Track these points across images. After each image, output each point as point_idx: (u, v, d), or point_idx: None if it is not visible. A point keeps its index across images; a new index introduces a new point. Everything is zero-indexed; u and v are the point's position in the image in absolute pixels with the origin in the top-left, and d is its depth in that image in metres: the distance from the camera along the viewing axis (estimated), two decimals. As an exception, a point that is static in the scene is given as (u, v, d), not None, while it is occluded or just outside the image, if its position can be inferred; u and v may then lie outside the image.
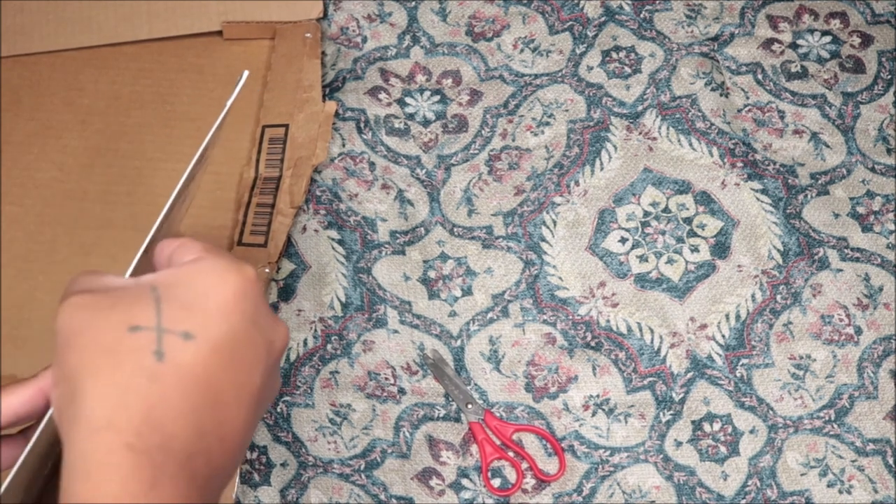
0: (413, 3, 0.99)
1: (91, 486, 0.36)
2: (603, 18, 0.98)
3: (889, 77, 0.95)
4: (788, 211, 0.89)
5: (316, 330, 0.84)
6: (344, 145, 0.92)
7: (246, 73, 0.49)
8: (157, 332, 0.38)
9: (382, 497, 0.79)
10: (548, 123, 0.93)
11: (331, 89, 0.95)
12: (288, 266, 0.87)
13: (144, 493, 0.36)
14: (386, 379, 0.83)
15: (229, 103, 0.49)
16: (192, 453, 0.38)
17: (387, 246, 0.88)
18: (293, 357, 0.84)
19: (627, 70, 0.95)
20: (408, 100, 0.94)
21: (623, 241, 0.88)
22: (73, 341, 0.39)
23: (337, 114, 0.93)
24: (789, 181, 0.90)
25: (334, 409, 0.82)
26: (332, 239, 0.88)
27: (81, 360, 0.38)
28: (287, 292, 0.86)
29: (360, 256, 0.87)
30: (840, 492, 0.79)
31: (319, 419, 0.81)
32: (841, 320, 0.85)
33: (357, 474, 0.80)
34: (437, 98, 0.94)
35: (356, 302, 0.85)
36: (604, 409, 0.82)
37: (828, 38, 0.97)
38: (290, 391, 0.82)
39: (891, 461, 0.80)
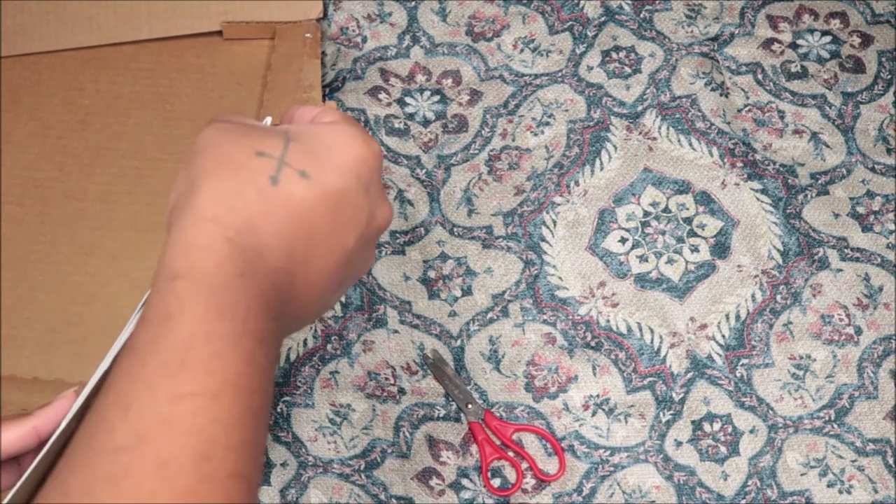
0: (413, 3, 0.99)
1: (189, 261, 0.40)
2: (603, 18, 0.98)
3: (889, 77, 0.95)
4: (788, 211, 0.89)
5: (316, 330, 0.84)
6: (344, 145, 0.92)
7: (269, 118, 0.49)
8: (278, 162, 0.42)
9: (382, 497, 0.79)
10: (548, 123, 0.93)
11: (331, 89, 0.95)
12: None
13: (234, 278, 0.40)
14: (386, 379, 0.83)
15: None
16: (278, 268, 0.41)
17: (386, 246, 0.88)
18: (293, 357, 0.84)
19: (627, 70, 0.95)
20: (408, 100, 0.94)
21: (623, 241, 0.88)
22: (204, 151, 0.43)
23: (337, 114, 0.93)
24: (789, 181, 0.90)
25: (334, 409, 0.82)
26: (332, 239, 0.88)
27: (206, 164, 0.42)
28: (287, 292, 0.86)
29: (360, 256, 0.87)
30: (840, 492, 0.79)
31: (319, 419, 0.81)
32: (841, 320, 0.85)
33: (357, 474, 0.80)
34: (437, 98, 0.94)
35: (356, 302, 0.85)
36: (604, 409, 0.82)
37: (828, 38, 0.97)
38: (290, 391, 0.82)
39: (891, 461, 0.80)
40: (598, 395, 0.82)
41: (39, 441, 0.47)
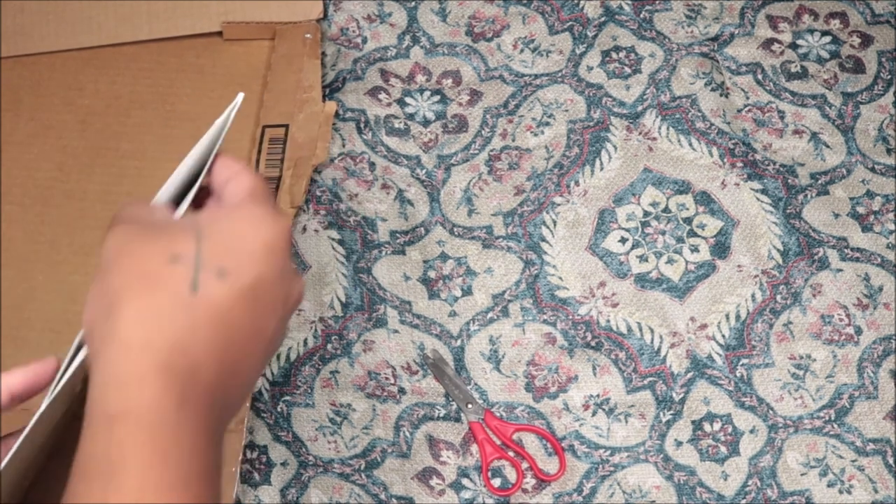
0: (413, 3, 0.99)
1: (125, 396, 0.38)
2: (603, 18, 0.98)
3: (889, 77, 0.95)
4: (788, 211, 0.89)
5: (316, 330, 0.84)
6: (344, 146, 0.92)
7: (241, 95, 0.49)
8: (194, 266, 0.41)
9: (383, 497, 0.79)
10: (548, 123, 0.93)
11: (331, 90, 0.95)
12: (288, 266, 0.87)
13: (174, 410, 0.38)
14: (386, 379, 0.83)
15: (224, 127, 0.49)
16: (213, 383, 0.40)
17: (387, 246, 0.88)
18: (293, 357, 0.84)
19: (627, 70, 0.95)
20: (408, 100, 0.94)
21: (623, 241, 0.88)
22: (116, 264, 0.41)
23: (337, 114, 0.93)
24: (789, 181, 0.90)
25: (334, 408, 0.82)
26: (333, 239, 0.88)
27: (122, 281, 0.40)
28: (287, 292, 0.86)
29: (361, 256, 0.87)
30: (840, 492, 0.79)
31: (320, 419, 0.81)
32: (841, 320, 0.85)
33: (357, 474, 0.80)
34: (437, 98, 0.94)
35: (356, 302, 0.85)
36: (604, 409, 0.82)
37: (828, 39, 0.97)
38: (291, 391, 0.82)
39: (891, 461, 0.80)
40: (598, 395, 0.82)
41: (11, 401, 0.47)
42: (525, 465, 0.80)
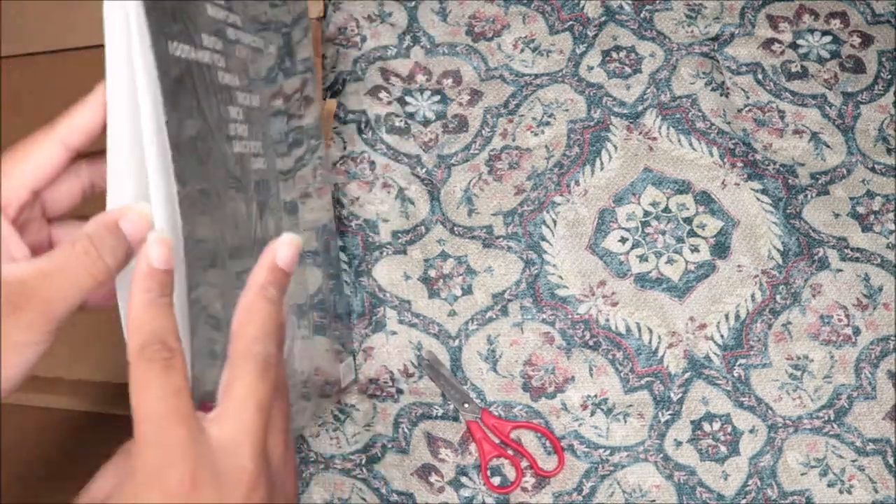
0: (413, 2, 0.99)
1: None
2: (603, 18, 0.98)
3: (889, 77, 0.95)
4: (788, 211, 0.89)
5: (316, 329, 0.84)
6: (345, 148, 0.92)
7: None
8: None
9: (384, 491, 0.79)
10: (548, 123, 0.93)
11: (332, 92, 0.95)
12: (288, 266, 0.87)
13: None
14: (384, 382, 0.83)
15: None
16: None
17: (388, 247, 0.88)
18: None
19: (627, 70, 0.95)
20: (408, 99, 0.94)
21: (623, 240, 0.88)
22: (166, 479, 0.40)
23: (338, 117, 0.93)
24: (789, 181, 0.90)
25: (338, 406, 0.82)
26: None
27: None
28: (287, 292, 0.86)
29: (362, 260, 0.87)
30: (840, 491, 0.79)
31: (324, 416, 0.81)
32: (840, 321, 0.85)
33: (358, 468, 0.80)
34: (437, 98, 0.94)
35: (357, 309, 0.85)
36: (602, 409, 0.82)
37: (828, 38, 0.97)
38: (290, 390, 0.82)
39: (891, 461, 0.80)
40: (595, 395, 0.82)
41: (70, 155, 0.45)
42: (524, 463, 0.80)
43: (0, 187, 0.45)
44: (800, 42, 0.97)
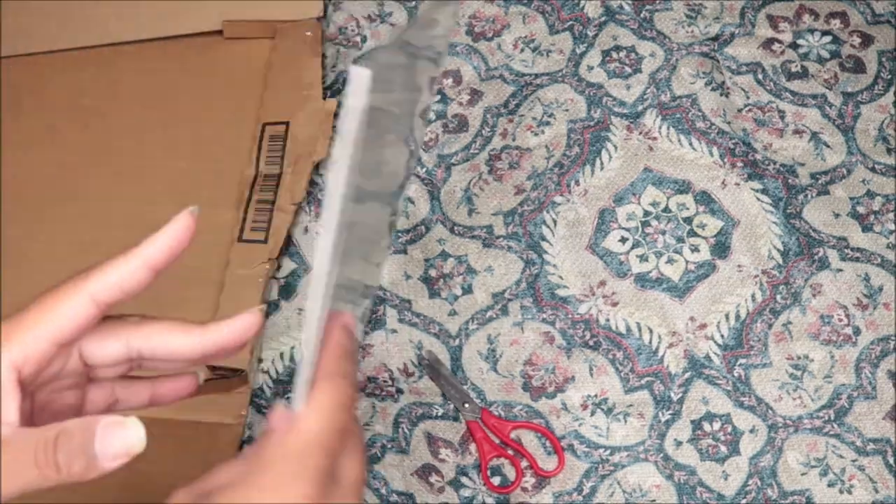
0: (413, 2, 0.99)
1: None
2: (603, 18, 0.98)
3: (889, 77, 0.95)
4: (788, 211, 0.89)
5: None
6: (345, 147, 0.92)
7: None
8: None
9: (383, 491, 0.79)
10: (548, 123, 0.93)
11: (332, 92, 0.95)
12: (289, 265, 0.87)
13: None
14: (384, 381, 0.83)
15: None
16: None
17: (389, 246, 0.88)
18: (297, 358, 0.84)
19: (628, 70, 0.95)
20: (408, 99, 0.94)
21: (623, 240, 0.88)
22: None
23: (338, 116, 0.93)
24: (789, 181, 0.90)
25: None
26: (333, 240, 0.88)
27: None
28: (288, 291, 0.86)
29: (361, 256, 0.87)
30: (841, 491, 0.79)
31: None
32: (840, 321, 0.85)
33: (357, 472, 0.80)
34: (437, 98, 0.94)
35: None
36: (602, 409, 0.82)
37: (828, 38, 0.97)
38: (292, 389, 0.82)
39: (891, 461, 0.80)
40: (595, 395, 0.82)
41: (101, 311, 0.44)
42: (524, 463, 0.80)
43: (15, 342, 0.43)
44: (800, 42, 0.97)
